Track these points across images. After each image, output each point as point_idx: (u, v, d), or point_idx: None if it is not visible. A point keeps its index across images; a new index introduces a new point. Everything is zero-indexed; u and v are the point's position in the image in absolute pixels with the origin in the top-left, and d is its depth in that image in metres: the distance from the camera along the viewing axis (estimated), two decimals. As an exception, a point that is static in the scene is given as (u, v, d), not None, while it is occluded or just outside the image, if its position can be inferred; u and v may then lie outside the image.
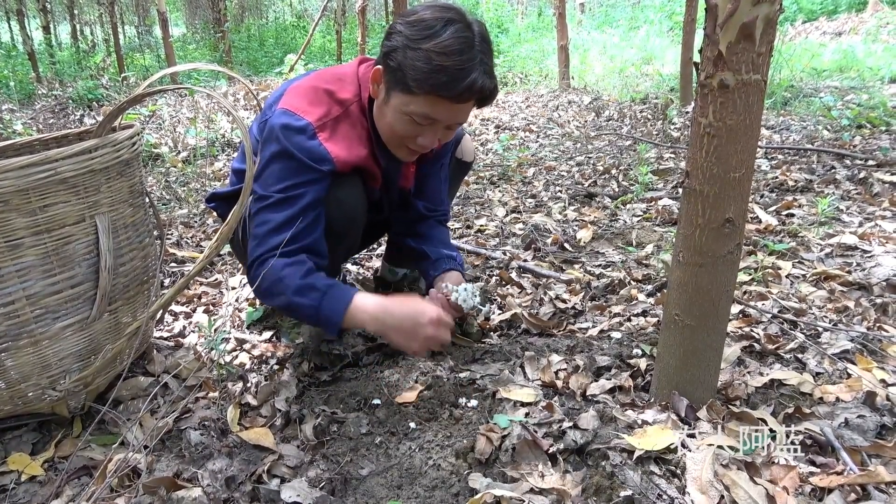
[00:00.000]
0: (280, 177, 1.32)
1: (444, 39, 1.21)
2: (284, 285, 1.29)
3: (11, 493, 1.10)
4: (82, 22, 16.66)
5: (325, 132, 1.33)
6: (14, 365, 1.14)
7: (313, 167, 1.31)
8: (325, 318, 1.29)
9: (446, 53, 1.20)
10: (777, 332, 1.47)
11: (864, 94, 4.94)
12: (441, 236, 1.67)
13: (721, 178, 0.98)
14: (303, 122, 1.31)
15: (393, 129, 1.33)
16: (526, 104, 6.34)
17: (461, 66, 1.21)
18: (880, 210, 2.36)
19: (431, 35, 1.21)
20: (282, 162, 1.32)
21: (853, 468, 0.99)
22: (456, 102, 1.26)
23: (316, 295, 1.29)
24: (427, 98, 1.25)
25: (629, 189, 2.99)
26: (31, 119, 6.01)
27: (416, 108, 1.27)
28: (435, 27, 1.22)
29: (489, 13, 12.81)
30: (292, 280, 1.29)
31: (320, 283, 1.30)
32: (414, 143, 1.35)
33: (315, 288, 1.30)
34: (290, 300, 1.30)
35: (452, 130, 1.38)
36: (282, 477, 1.11)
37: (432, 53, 1.20)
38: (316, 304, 1.28)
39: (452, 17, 1.23)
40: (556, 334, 1.57)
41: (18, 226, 1.07)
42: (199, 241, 2.53)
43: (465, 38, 1.22)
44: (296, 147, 1.30)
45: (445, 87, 1.22)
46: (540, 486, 1.01)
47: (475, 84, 1.22)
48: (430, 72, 1.21)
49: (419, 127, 1.31)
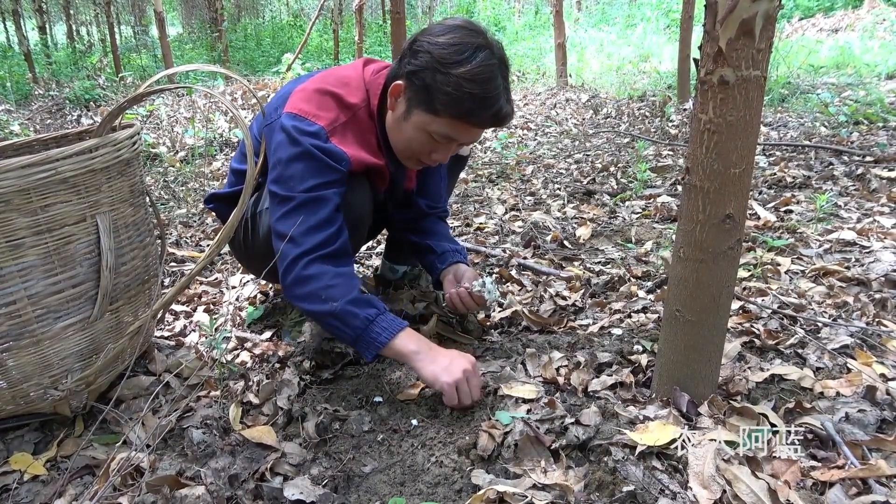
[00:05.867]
0: (303, 177, 1.31)
1: (475, 67, 1.23)
2: (339, 293, 1.27)
3: (14, 493, 1.10)
4: (78, 22, 16.63)
5: (336, 136, 1.34)
6: (16, 365, 1.14)
7: (334, 166, 1.31)
8: (374, 335, 1.26)
9: (476, 81, 1.23)
10: (777, 328, 1.47)
11: (862, 90, 4.95)
12: (443, 231, 1.69)
13: (721, 174, 0.99)
14: (314, 126, 1.31)
15: (409, 143, 1.35)
16: (524, 102, 6.35)
17: (489, 95, 1.24)
18: (878, 206, 2.37)
19: (462, 61, 1.23)
20: (304, 162, 1.31)
21: (854, 462, 0.99)
22: (478, 127, 1.31)
23: (372, 311, 1.27)
24: (451, 121, 1.28)
25: (628, 186, 3.00)
26: (27, 119, 6.00)
27: (437, 129, 1.29)
28: (465, 52, 1.23)
29: (486, 11, 12.82)
30: (348, 291, 1.28)
31: (378, 304, 1.30)
32: (427, 158, 1.38)
33: (373, 305, 1.29)
34: (340, 307, 1.26)
35: (465, 146, 1.43)
36: (284, 475, 1.11)
37: (462, 80, 1.22)
38: (371, 317, 1.26)
39: (482, 44, 1.25)
40: (556, 331, 1.58)
41: (20, 226, 1.07)
42: (199, 241, 2.53)
43: (492, 65, 1.25)
44: (315, 147, 1.30)
45: (472, 113, 1.26)
46: (542, 482, 1.01)
47: (501, 112, 1.27)
48: (459, 98, 1.24)
49: (436, 144, 1.33)
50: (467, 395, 1.22)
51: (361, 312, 1.26)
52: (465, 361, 1.24)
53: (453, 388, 1.21)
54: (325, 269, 1.28)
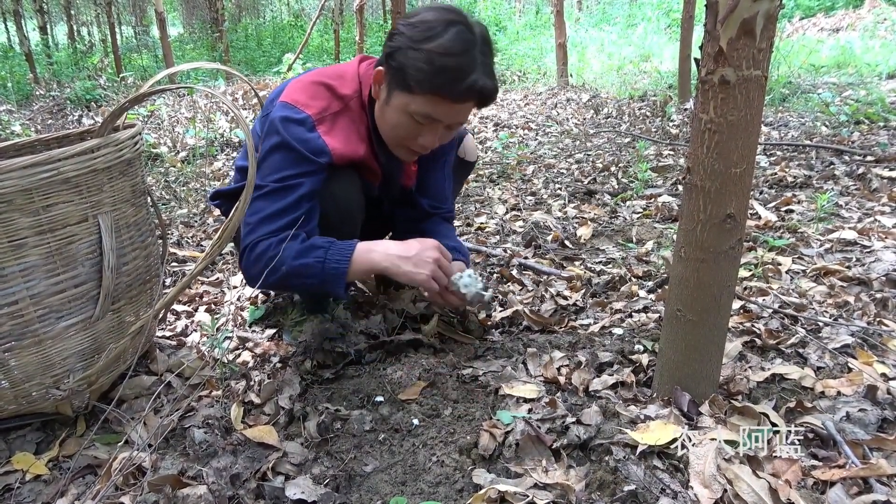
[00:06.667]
0: (277, 167, 1.33)
1: (446, 40, 1.22)
2: (282, 257, 1.29)
3: (16, 493, 1.10)
4: (79, 22, 16.64)
5: (325, 125, 1.34)
6: (18, 364, 1.15)
7: (310, 158, 1.32)
8: (332, 270, 1.29)
9: (448, 54, 1.22)
10: (778, 327, 1.47)
11: (862, 89, 4.94)
12: (446, 231, 1.67)
13: (722, 174, 0.99)
14: (302, 114, 1.33)
15: (394, 129, 1.34)
16: (524, 102, 6.35)
17: (462, 67, 1.22)
18: (879, 205, 2.37)
19: (433, 36, 1.23)
20: (280, 153, 1.33)
21: (855, 461, 0.99)
22: (456, 102, 1.27)
23: (320, 252, 1.29)
24: (428, 98, 1.26)
25: (629, 186, 3.00)
26: (29, 120, 6.01)
27: (417, 108, 1.28)
28: (437, 28, 1.23)
29: (487, 11, 12.82)
30: (290, 249, 1.29)
31: (321, 241, 1.32)
32: (415, 144, 1.36)
33: (317, 245, 1.31)
34: (291, 266, 1.29)
35: (452, 130, 1.39)
36: (286, 474, 1.11)
37: (434, 54, 1.22)
38: (321, 258, 1.29)
39: (454, 19, 1.25)
40: (557, 331, 1.58)
41: (22, 225, 1.08)
42: (200, 241, 2.53)
43: (467, 39, 1.24)
44: (294, 138, 1.31)
45: (446, 87, 1.24)
46: (544, 482, 1.02)
47: (475, 84, 1.24)
48: (431, 72, 1.22)
49: (420, 127, 1.32)
50: (443, 278, 1.32)
51: (311, 258, 1.29)
52: (429, 250, 1.31)
53: (431, 281, 1.31)
54: (271, 242, 1.30)
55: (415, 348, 1.50)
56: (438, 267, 1.31)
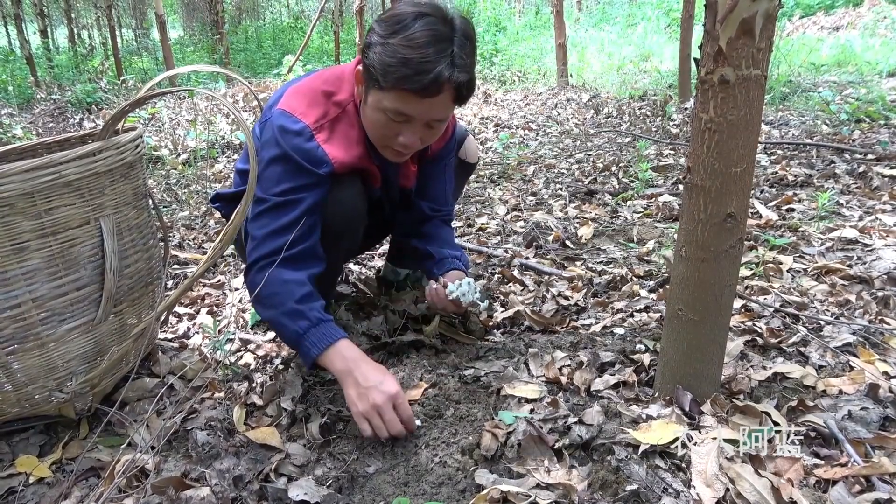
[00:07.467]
0: (278, 180, 1.31)
1: (412, 32, 1.18)
2: (279, 301, 1.27)
3: (20, 495, 1.10)
4: (80, 25, 16.66)
5: (323, 133, 1.32)
6: (21, 367, 1.15)
7: (311, 170, 1.31)
8: (304, 349, 1.25)
9: (412, 46, 1.17)
10: (779, 326, 1.47)
11: (863, 88, 4.94)
12: (445, 236, 1.66)
13: (722, 173, 0.99)
14: (300, 124, 1.31)
15: (374, 128, 1.32)
16: (525, 102, 6.35)
17: (426, 59, 1.17)
18: (880, 204, 2.37)
19: (400, 29, 1.19)
20: (280, 165, 1.31)
21: (857, 460, 0.99)
22: (424, 97, 1.22)
23: (304, 324, 1.25)
24: (396, 93, 1.22)
25: (629, 186, 3.00)
26: (30, 123, 6.02)
27: (388, 105, 1.24)
28: (404, 21, 1.19)
29: (486, 11, 12.81)
30: (288, 300, 1.27)
31: (312, 315, 1.27)
32: (396, 143, 1.32)
33: (305, 315, 1.26)
34: (278, 319, 1.28)
35: (434, 129, 1.33)
36: (289, 475, 1.11)
37: (398, 47, 1.18)
38: (302, 330, 1.25)
39: (424, 12, 1.20)
40: (559, 331, 1.58)
41: (24, 229, 1.08)
42: (201, 244, 2.54)
43: (436, 31, 1.19)
44: (294, 150, 1.30)
45: (410, 80, 1.18)
46: (546, 482, 1.02)
47: (440, 77, 1.18)
48: (394, 65, 1.18)
49: (396, 125, 1.28)
50: (381, 428, 1.14)
51: (292, 325, 1.25)
52: (382, 393, 1.15)
53: (361, 419, 1.16)
54: (274, 275, 1.27)
55: (416, 349, 1.50)
56: (378, 413, 1.15)
